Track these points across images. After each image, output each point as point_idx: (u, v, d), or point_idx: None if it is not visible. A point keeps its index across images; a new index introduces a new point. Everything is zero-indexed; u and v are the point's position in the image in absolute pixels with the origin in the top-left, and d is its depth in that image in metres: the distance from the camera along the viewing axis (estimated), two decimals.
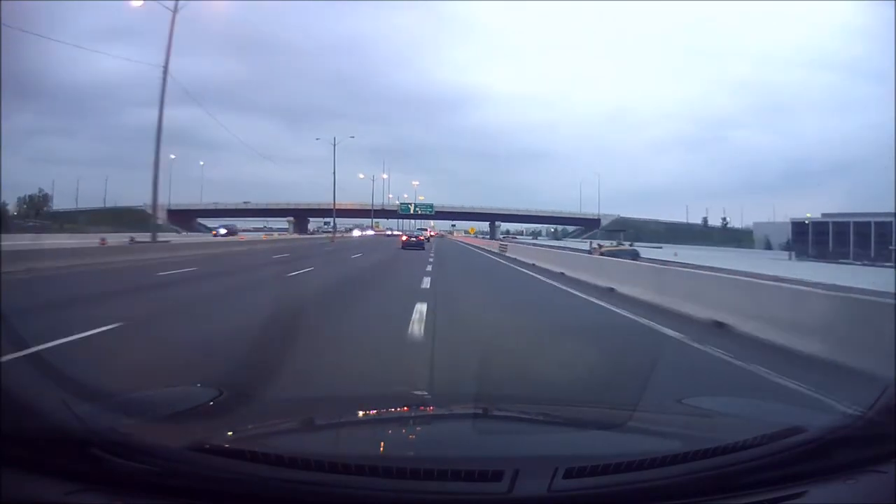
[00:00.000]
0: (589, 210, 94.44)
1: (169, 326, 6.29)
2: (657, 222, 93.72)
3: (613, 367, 4.61)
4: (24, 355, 1.83)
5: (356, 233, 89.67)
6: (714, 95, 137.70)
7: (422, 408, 2.30)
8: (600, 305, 9.25)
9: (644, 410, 2.08)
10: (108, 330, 5.50)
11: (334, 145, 54.60)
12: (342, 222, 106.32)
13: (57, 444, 1.27)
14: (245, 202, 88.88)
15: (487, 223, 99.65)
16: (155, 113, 21.52)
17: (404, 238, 44.28)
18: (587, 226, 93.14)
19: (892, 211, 38.73)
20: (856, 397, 2.66)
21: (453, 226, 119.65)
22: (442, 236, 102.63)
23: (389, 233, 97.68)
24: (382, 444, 1.75)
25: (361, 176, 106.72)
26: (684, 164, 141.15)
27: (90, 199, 76.36)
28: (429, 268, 16.34)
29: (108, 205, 74.69)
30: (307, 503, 1.23)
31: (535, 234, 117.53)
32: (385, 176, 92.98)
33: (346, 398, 2.93)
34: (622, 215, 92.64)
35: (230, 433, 1.61)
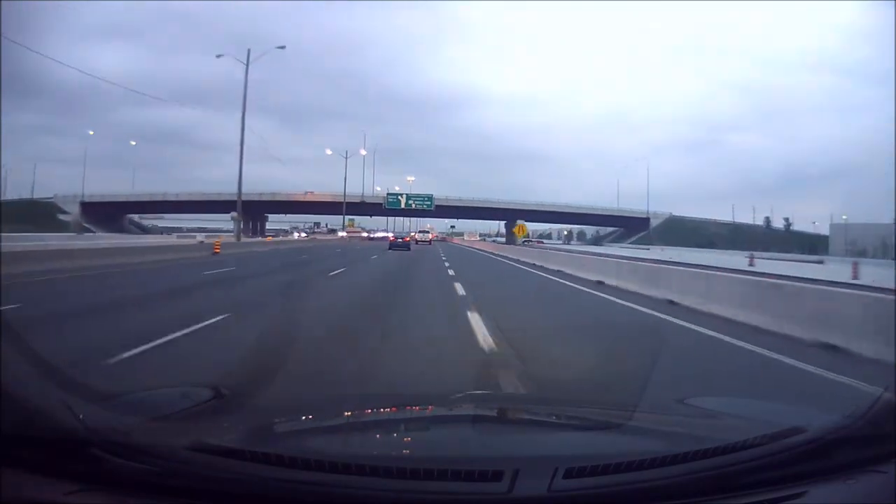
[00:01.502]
0: (628, 206, 78.40)
1: None
2: (717, 223, 78.94)
3: None
4: (24, 355, 1.82)
5: (296, 235, 68.99)
6: (713, 98, 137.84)
7: (422, 408, 2.30)
8: None
9: (644, 410, 2.08)
10: None
11: (247, 64, 32.48)
12: (301, 220, 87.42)
13: (57, 444, 1.26)
14: (176, 193, 68.64)
15: (502, 223, 79.73)
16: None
17: (391, 238, 45.73)
18: (630, 227, 77.08)
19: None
20: None
21: (452, 227, 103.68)
22: (443, 240, 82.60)
23: (370, 235, 76.98)
24: (382, 444, 1.75)
25: (329, 152, 71.01)
26: (682, 167, 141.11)
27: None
28: None
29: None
30: (307, 503, 1.23)
31: (544, 236, 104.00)
32: (364, 152, 66.31)
33: (346, 398, 2.93)
34: (674, 213, 79.47)
35: (230, 433, 1.61)
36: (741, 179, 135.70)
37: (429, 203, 70.23)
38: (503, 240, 64.09)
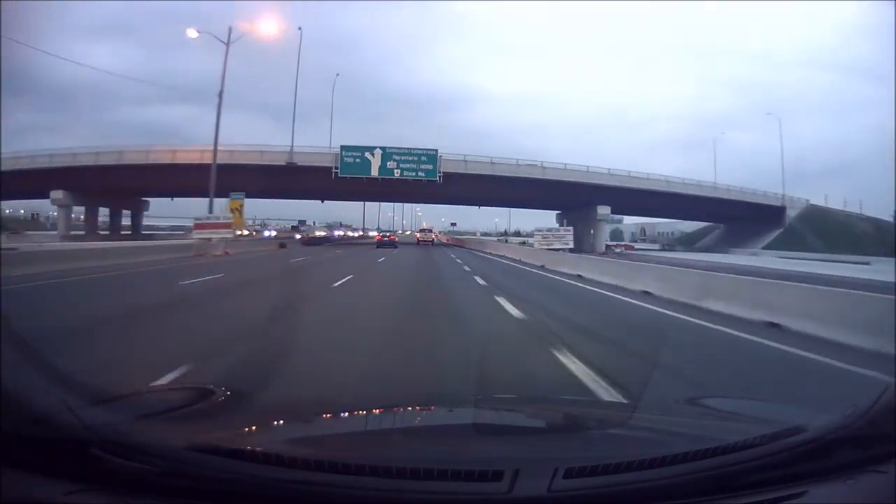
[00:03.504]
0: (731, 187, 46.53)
1: None
2: (859, 217, 51.93)
3: None
4: (25, 355, 1.82)
5: None
6: (712, 96, 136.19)
7: (422, 408, 2.30)
8: None
9: (644, 410, 2.09)
10: None
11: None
12: (186, 207, 48.23)
13: (57, 444, 1.27)
14: None
15: (554, 213, 48.60)
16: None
17: (378, 237, 40.14)
18: (742, 218, 47.95)
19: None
20: None
21: (453, 225, 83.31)
22: (458, 244, 50.52)
23: (308, 234, 46.05)
24: (382, 444, 1.75)
25: (194, 34, 26.55)
26: (682, 165, 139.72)
27: None
28: None
29: None
30: (307, 503, 1.23)
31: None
32: (272, 31, 29.02)
33: (347, 398, 2.94)
34: (812, 201, 51.31)
35: (230, 433, 1.61)
36: (740, 176, 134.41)
37: (430, 168, 36.51)
38: (564, 245, 28.06)
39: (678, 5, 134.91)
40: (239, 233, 28.28)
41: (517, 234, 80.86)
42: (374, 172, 37.04)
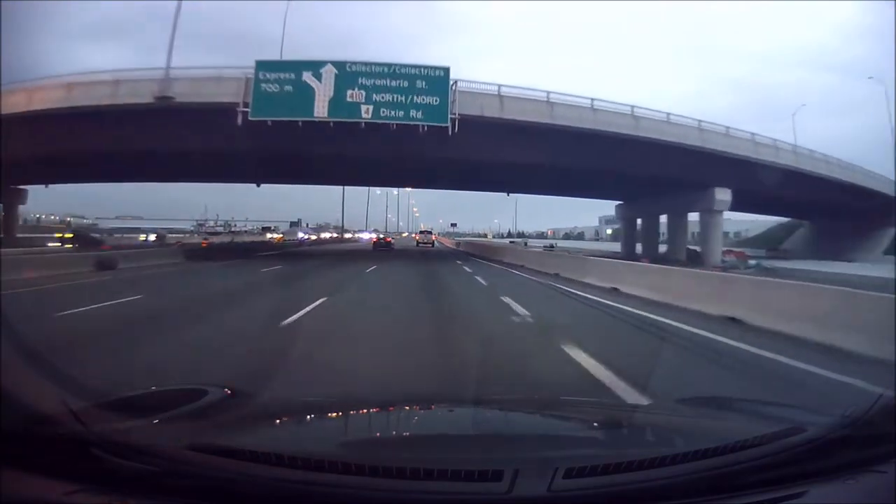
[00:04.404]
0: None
1: None
2: None
3: None
4: (25, 354, 1.82)
5: None
6: (713, 95, 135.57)
7: (423, 408, 2.30)
8: None
9: (644, 410, 2.09)
10: None
11: None
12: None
13: (57, 444, 1.27)
14: None
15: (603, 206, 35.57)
16: None
17: (374, 239, 40.81)
18: (835, 213, 33.58)
19: None
20: None
21: (454, 225, 77.03)
22: (470, 253, 28.16)
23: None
24: (383, 443, 1.75)
25: None
26: None
27: None
28: None
29: None
30: (307, 503, 1.23)
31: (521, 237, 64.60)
32: None
33: (347, 398, 2.93)
34: None
35: (230, 433, 1.61)
36: None
37: (435, 103, 17.65)
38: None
39: (678, 5, 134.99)
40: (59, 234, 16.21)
41: (521, 235, 75.09)
42: (321, 112, 17.94)
